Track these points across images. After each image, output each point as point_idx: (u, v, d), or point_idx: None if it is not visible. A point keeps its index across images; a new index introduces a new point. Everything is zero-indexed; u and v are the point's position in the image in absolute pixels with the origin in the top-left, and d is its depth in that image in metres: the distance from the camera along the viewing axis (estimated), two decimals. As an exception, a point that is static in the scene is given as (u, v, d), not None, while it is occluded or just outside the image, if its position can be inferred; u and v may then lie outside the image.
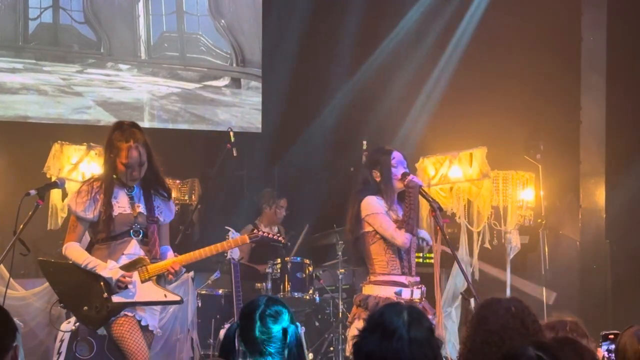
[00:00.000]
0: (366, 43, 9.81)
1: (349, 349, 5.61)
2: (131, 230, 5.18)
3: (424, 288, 5.61)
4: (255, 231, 5.82)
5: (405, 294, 5.44)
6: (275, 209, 8.57)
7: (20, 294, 7.07)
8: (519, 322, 3.26)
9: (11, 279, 5.70)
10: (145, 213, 5.23)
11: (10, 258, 5.14)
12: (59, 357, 6.38)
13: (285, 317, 3.42)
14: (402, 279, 5.50)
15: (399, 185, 5.55)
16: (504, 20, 9.17)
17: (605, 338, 3.56)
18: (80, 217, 5.17)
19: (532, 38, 9.04)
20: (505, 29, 9.14)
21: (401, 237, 5.44)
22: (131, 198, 5.22)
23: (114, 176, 5.18)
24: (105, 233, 5.15)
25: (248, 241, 5.69)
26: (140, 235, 5.21)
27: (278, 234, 6.01)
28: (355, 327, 5.39)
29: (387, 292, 5.44)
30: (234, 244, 5.69)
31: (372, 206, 5.50)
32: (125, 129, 5.16)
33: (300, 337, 3.48)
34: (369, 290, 5.55)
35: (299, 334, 3.48)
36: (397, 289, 5.45)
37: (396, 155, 5.58)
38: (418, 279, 5.63)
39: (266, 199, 8.62)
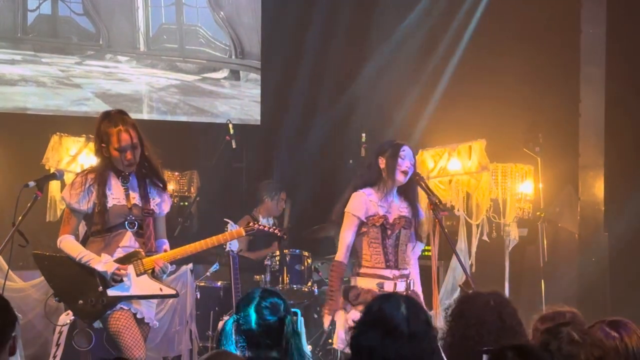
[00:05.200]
0: (366, 36, 9.80)
1: (336, 341, 5.66)
2: (126, 222, 5.16)
3: (410, 281, 5.64)
4: (251, 224, 5.80)
5: (388, 286, 5.49)
6: (276, 202, 8.58)
7: (18, 286, 7.07)
8: (496, 315, 3.27)
9: (10, 271, 5.69)
10: (140, 205, 5.20)
11: (9, 250, 5.14)
12: (57, 349, 6.37)
13: (282, 308, 3.43)
14: (386, 272, 5.54)
15: (401, 178, 5.57)
16: (503, 13, 9.15)
17: None
18: (74, 209, 5.15)
19: (532, 30, 9.03)
20: (504, 22, 9.13)
21: (340, 259, 5.56)
22: (126, 189, 5.20)
23: (109, 166, 5.16)
24: (99, 225, 5.13)
25: (244, 234, 5.68)
26: (135, 227, 5.18)
27: (274, 227, 6.00)
28: (340, 317, 5.51)
29: (369, 284, 5.50)
30: (230, 237, 5.67)
31: (354, 206, 5.57)
32: (112, 116, 5.15)
33: (297, 327, 3.49)
34: (353, 281, 5.63)
35: (296, 324, 3.49)
36: (379, 281, 5.50)
37: (406, 150, 5.62)
38: (407, 271, 5.65)
39: (268, 191, 8.61)
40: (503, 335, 3.21)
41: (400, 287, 5.54)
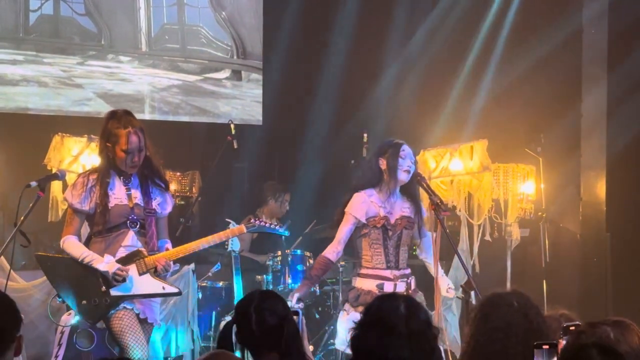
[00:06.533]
0: (367, 36, 9.79)
1: (338, 342, 5.68)
2: (127, 221, 5.17)
3: (410, 280, 5.65)
4: (252, 220, 5.79)
5: (388, 287, 5.50)
6: (280, 203, 8.58)
7: (20, 286, 7.07)
8: (522, 316, 3.25)
9: (12, 271, 5.69)
10: (142, 204, 5.21)
11: (10, 250, 5.14)
12: (59, 349, 6.39)
13: (281, 309, 3.42)
14: (387, 273, 5.56)
15: (403, 178, 5.58)
16: (505, 13, 9.16)
17: (566, 331, 3.51)
18: (76, 210, 5.16)
19: (533, 30, 9.03)
20: (505, 22, 9.14)
21: (325, 254, 5.58)
22: (127, 189, 5.21)
23: (112, 165, 5.17)
24: (101, 225, 5.14)
25: (245, 231, 5.68)
26: (137, 227, 5.19)
27: (276, 224, 6.00)
28: (341, 318, 5.59)
29: (369, 285, 5.51)
30: (231, 233, 5.67)
31: (354, 207, 5.58)
32: (120, 117, 5.15)
33: (297, 327, 3.48)
34: (353, 282, 5.65)
35: (296, 324, 3.48)
36: (379, 282, 5.50)
37: (406, 149, 5.62)
38: (407, 271, 5.68)
39: (272, 192, 8.61)
40: (530, 336, 3.18)
41: (400, 288, 5.55)
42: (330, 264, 5.70)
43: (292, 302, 5.45)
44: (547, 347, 2.88)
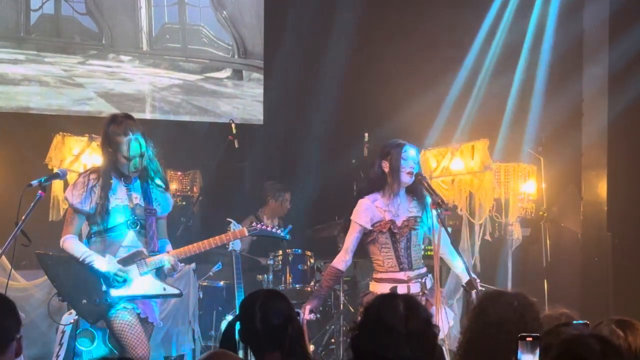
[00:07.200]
0: (368, 35, 9.79)
1: None
2: (128, 222, 5.18)
3: (425, 280, 5.61)
4: (254, 223, 5.82)
5: (401, 289, 5.47)
6: (281, 202, 8.58)
7: (21, 285, 7.07)
8: (519, 316, 3.26)
9: (13, 270, 5.69)
10: (142, 205, 5.22)
11: (11, 249, 5.14)
12: (60, 349, 6.39)
13: (285, 308, 3.43)
14: (401, 275, 5.54)
15: (406, 179, 5.55)
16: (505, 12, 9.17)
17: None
18: (77, 209, 5.17)
19: (534, 30, 9.03)
20: (506, 22, 9.13)
21: (334, 264, 5.59)
22: (128, 190, 5.21)
23: (113, 167, 5.17)
24: (102, 225, 5.15)
25: (247, 234, 5.70)
26: (138, 227, 5.20)
27: (278, 227, 6.02)
28: None
29: (384, 289, 5.47)
30: (233, 236, 5.68)
31: (358, 214, 5.57)
32: (120, 122, 5.15)
33: (301, 327, 3.49)
34: (370, 287, 5.65)
35: (300, 324, 3.49)
36: (393, 285, 5.48)
37: (408, 150, 5.59)
38: (423, 270, 5.64)
39: (271, 191, 8.61)
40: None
41: (415, 289, 5.52)
42: (340, 274, 5.71)
43: (305, 314, 5.45)
44: (530, 339, 2.89)
